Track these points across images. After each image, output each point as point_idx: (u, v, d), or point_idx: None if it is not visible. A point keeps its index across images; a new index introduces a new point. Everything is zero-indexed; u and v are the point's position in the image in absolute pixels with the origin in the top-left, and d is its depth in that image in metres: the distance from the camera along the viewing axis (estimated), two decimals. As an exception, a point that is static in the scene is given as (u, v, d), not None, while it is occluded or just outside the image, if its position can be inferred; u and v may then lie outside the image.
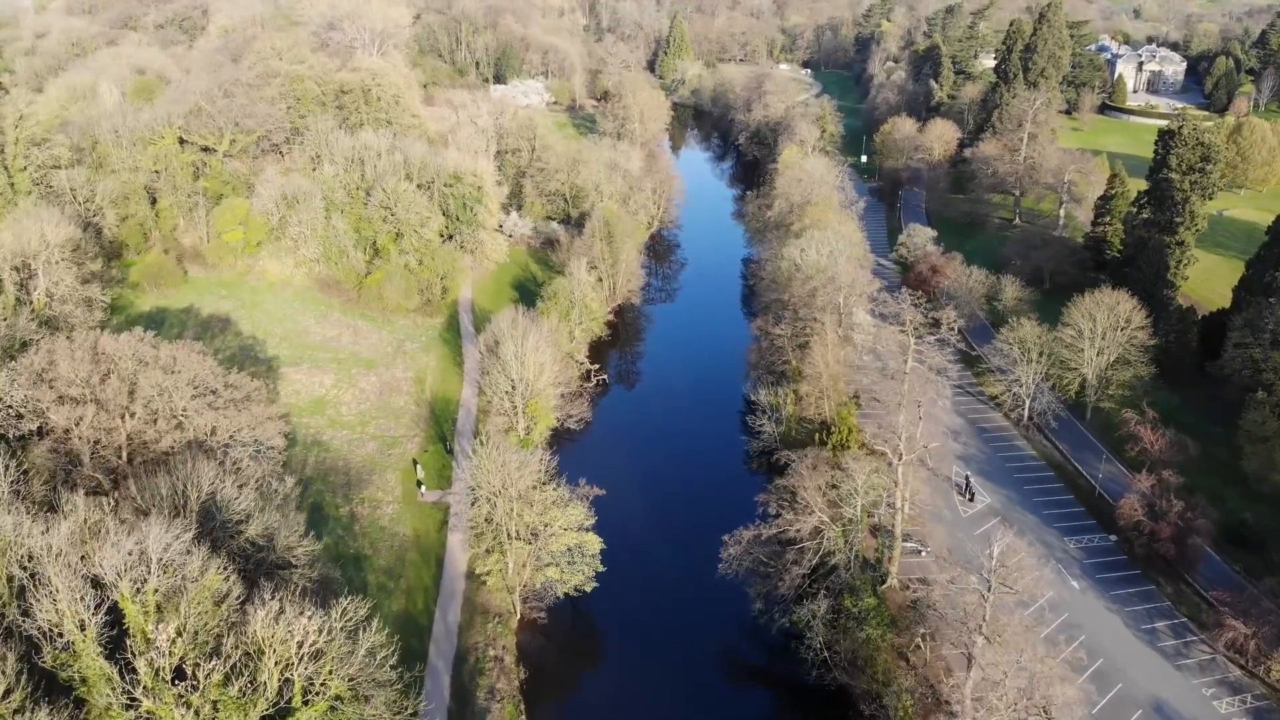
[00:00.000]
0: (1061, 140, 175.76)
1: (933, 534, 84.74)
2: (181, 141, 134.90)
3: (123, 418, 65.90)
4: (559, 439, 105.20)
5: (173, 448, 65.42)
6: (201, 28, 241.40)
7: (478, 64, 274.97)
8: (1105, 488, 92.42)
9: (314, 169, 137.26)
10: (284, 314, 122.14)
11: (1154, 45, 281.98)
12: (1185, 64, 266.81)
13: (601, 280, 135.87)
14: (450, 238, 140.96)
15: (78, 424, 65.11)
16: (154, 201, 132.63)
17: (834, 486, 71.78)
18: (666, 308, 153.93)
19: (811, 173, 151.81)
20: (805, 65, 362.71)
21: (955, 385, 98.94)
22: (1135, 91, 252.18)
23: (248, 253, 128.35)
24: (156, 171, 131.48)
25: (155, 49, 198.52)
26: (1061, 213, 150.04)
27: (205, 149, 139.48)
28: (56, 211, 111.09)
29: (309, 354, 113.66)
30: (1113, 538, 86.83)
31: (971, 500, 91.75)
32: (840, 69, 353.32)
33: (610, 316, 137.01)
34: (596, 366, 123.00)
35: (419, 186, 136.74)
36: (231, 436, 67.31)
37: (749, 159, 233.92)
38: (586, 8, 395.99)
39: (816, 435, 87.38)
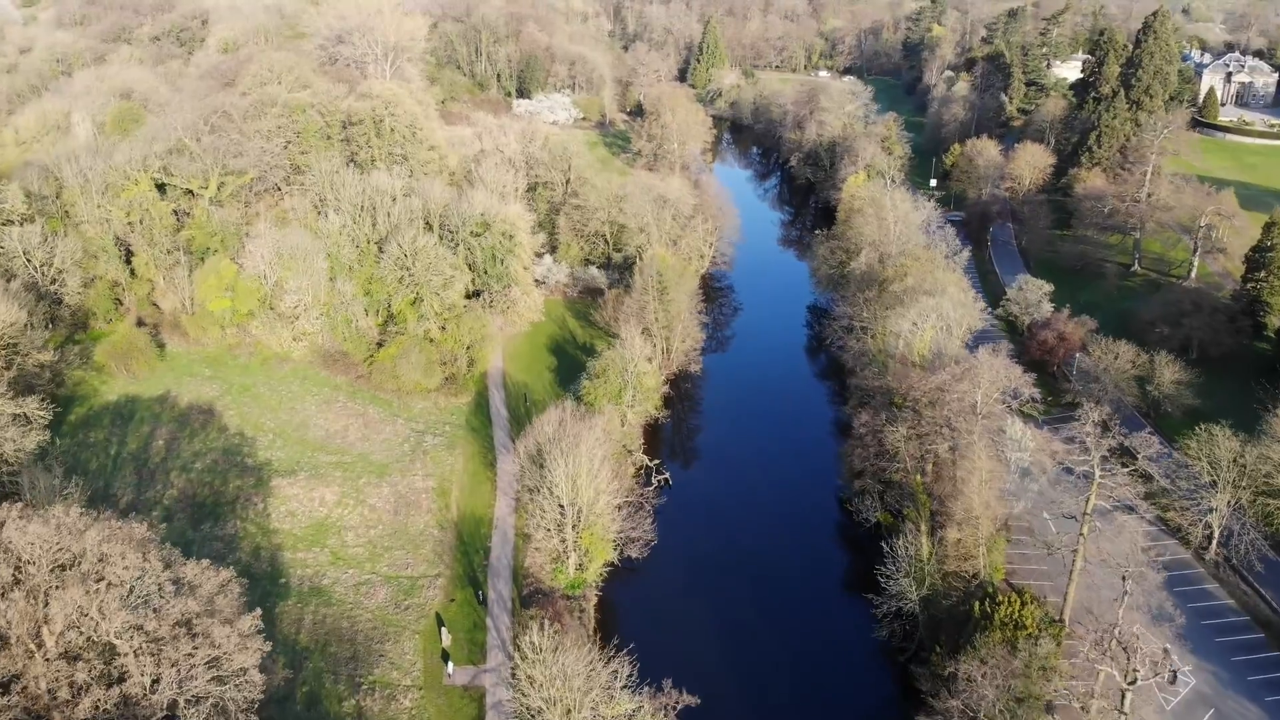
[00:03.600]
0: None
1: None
2: (161, 187, 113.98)
3: (30, 657, 44.90)
4: (615, 569, 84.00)
5: (98, 710, 44.14)
6: (200, 40, 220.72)
7: (499, 76, 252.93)
8: (1346, 664, 70.35)
9: (318, 214, 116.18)
10: (279, 400, 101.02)
11: (1238, 53, 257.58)
12: (1276, 75, 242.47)
13: (655, 345, 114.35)
14: (477, 294, 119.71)
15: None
16: (129, 258, 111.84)
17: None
18: (725, 366, 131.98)
19: (894, 210, 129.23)
20: (846, 71, 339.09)
21: (1112, 498, 76.86)
22: (1224, 105, 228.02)
23: (236, 321, 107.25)
24: (130, 223, 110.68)
25: (144, 68, 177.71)
26: (1195, 262, 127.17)
27: (190, 192, 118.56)
28: (0, 284, 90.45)
29: (308, 457, 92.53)
30: (1367, 741, 65.10)
31: (1173, 682, 69.55)
32: (885, 75, 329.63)
33: (665, 388, 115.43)
34: (657, 462, 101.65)
35: (440, 237, 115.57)
36: (180, 686, 45.67)
37: (800, 182, 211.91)
38: (611, 12, 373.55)
39: (976, 605, 65.49)
